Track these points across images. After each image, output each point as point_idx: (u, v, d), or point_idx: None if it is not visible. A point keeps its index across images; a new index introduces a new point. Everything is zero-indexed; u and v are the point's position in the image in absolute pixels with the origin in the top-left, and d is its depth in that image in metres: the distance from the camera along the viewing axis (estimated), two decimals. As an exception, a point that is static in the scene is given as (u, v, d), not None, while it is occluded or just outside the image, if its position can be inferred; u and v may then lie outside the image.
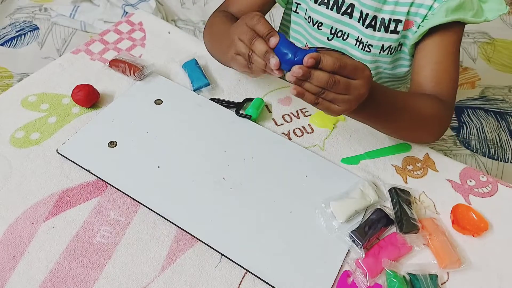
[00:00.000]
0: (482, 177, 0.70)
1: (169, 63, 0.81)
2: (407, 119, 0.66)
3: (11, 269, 0.54)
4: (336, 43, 0.79)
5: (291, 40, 0.71)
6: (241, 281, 0.56)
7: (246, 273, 0.56)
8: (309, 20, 0.79)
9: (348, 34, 0.78)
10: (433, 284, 0.55)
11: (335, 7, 0.76)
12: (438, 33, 0.71)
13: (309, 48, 0.53)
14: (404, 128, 0.69)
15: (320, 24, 0.78)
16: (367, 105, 0.57)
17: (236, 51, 0.58)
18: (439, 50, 0.71)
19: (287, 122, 0.75)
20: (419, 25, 0.72)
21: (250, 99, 0.75)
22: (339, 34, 0.78)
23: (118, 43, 0.84)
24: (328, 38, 0.79)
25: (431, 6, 0.71)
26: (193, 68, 0.79)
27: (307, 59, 0.49)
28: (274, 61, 0.52)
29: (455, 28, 0.71)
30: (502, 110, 1.53)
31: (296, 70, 0.50)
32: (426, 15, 0.72)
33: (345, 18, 0.76)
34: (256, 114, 0.73)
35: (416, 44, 0.74)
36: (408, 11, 0.73)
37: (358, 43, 0.78)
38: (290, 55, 0.51)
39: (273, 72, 0.54)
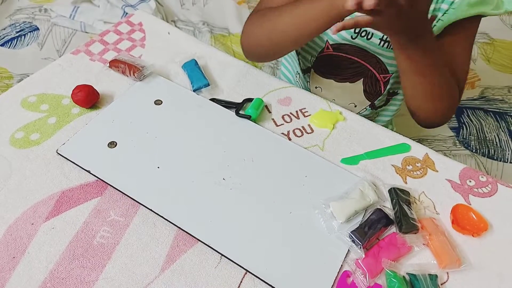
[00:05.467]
0: (482, 177, 0.70)
1: (169, 64, 0.81)
2: (436, 81, 0.70)
3: (11, 270, 0.54)
4: (359, 42, 0.79)
5: None
6: (241, 281, 0.56)
7: (246, 273, 0.56)
8: None
9: (372, 34, 0.78)
10: (433, 284, 0.55)
11: None
12: (457, 27, 0.72)
13: None
14: (430, 89, 0.71)
15: None
16: (418, 43, 0.62)
17: None
18: (458, 44, 0.74)
19: (287, 122, 0.75)
20: (439, 19, 0.73)
21: (249, 99, 0.75)
22: (363, 34, 0.78)
23: (118, 44, 0.84)
24: (352, 36, 0.79)
25: (453, 1, 0.72)
26: (193, 68, 0.79)
27: None
28: None
29: (473, 21, 0.72)
30: (501, 111, 1.53)
31: None
32: (447, 10, 0.72)
33: None
34: (256, 114, 0.73)
35: None
36: (434, 8, 0.73)
37: (383, 42, 0.78)
38: None
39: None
